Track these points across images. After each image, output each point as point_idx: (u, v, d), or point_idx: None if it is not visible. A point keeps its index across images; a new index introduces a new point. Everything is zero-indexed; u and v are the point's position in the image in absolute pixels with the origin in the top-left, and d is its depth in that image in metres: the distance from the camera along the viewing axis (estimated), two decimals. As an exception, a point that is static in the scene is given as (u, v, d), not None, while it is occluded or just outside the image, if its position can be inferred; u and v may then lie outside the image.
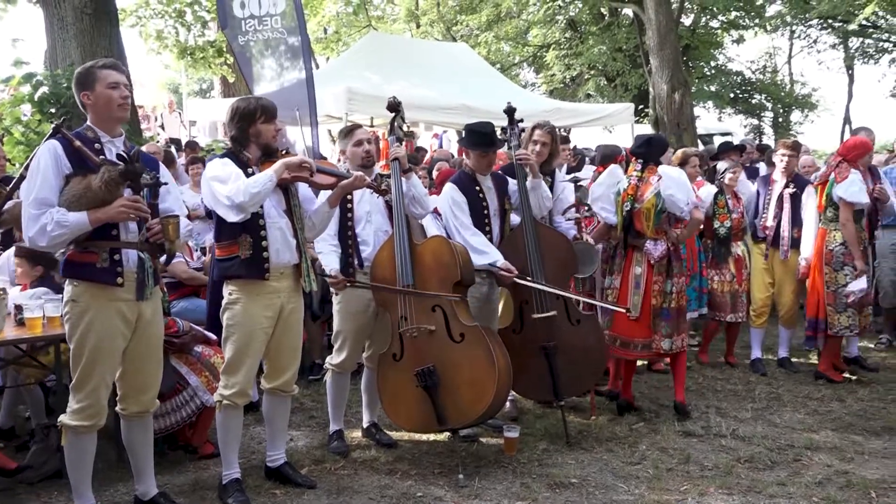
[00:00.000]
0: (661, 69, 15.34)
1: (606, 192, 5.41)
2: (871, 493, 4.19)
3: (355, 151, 4.75)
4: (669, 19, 15.64)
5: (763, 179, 6.86)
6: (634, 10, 19.16)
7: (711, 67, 28.14)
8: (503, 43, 26.69)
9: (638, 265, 5.29)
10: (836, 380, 6.27)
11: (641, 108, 21.30)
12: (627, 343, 5.32)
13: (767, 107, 31.34)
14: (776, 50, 36.28)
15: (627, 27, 23.35)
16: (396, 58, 13.42)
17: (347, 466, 4.60)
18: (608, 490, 4.25)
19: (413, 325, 4.49)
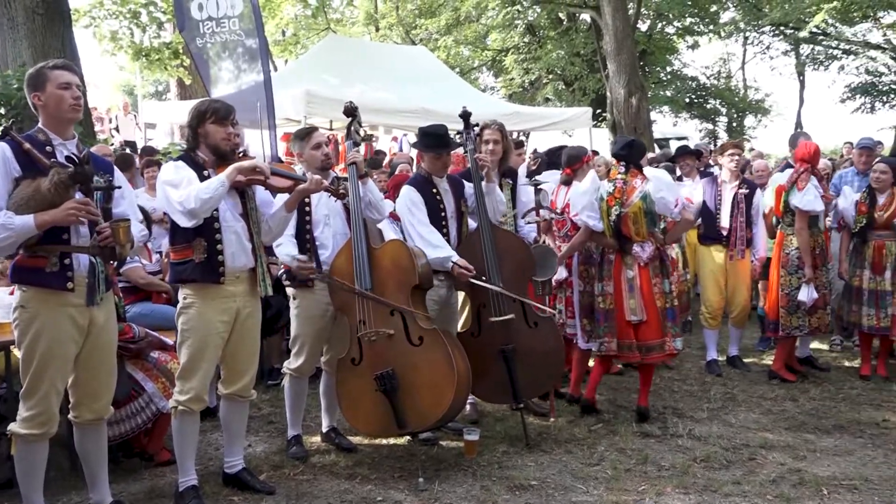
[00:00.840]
0: (619, 74, 15.53)
1: (591, 200, 5.40)
2: (822, 491, 4.28)
3: (313, 154, 4.72)
4: (626, 25, 15.84)
5: (710, 181, 6.91)
6: (592, 15, 19.37)
7: (667, 73, 28.59)
8: (462, 47, 26.80)
9: (629, 269, 5.30)
10: (788, 379, 6.39)
11: (599, 112, 21.53)
12: (644, 348, 5.28)
13: (722, 112, 31.92)
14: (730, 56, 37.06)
15: (585, 32, 23.61)
16: (355, 61, 13.39)
17: (306, 471, 4.56)
18: (567, 491, 4.28)
19: (372, 329, 4.47)
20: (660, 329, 5.27)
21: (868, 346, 6.65)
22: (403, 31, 26.58)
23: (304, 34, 27.08)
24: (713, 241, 6.75)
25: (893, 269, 6.35)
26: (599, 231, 5.37)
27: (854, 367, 6.86)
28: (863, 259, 6.51)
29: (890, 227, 6.37)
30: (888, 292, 6.34)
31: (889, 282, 6.35)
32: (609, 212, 5.27)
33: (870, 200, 6.45)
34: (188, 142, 4.08)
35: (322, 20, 26.60)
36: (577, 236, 5.57)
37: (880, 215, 6.38)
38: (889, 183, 6.41)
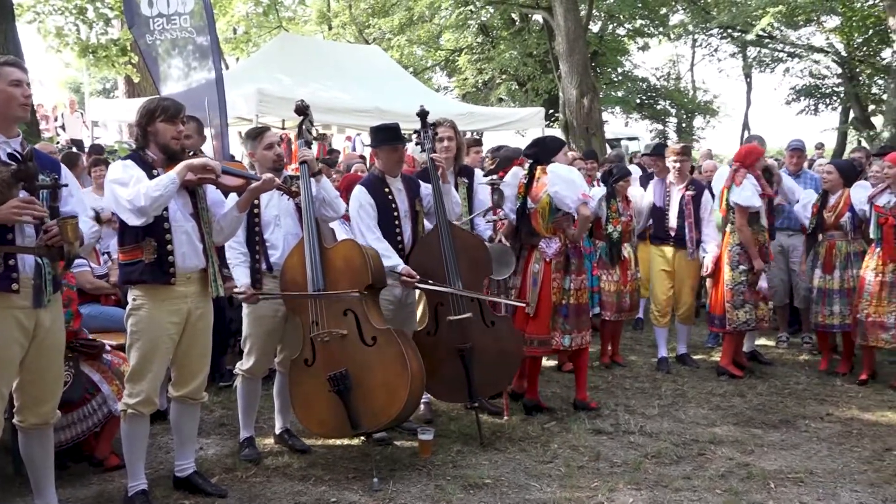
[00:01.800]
0: (571, 75, 15.66)
1: (511, 194, 5.50)
2: (769, 484, 4.38)
3: (265, 154, 4.67)
4: (578, 26, 15.99)
5: (659, 183, 6.99)
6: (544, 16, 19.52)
7: (618, 74, 28.95)
8: (416, 46, 26.79)
9: (536, 263, 5.39)
10: (736, 375, 6.52)
11: (552, 112, 21.70)
12: (527, 341, 5.36)
13: (672, 112, 32.42)
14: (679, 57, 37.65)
15: (538, 33, 23.78)
16: (308, 60, 13.31)
17: (259, 474, 4.52)
18: (521, 489, 4.31)
19: (325, 329, 4.45)
20: (547, 325, 5.37)
21: (825, 343, 6.83)
22: (357, 31, 26.47)
23: (255, 32, 26.80)
24: (662, 241, 6.87)
25: (843, 268, 6.52)
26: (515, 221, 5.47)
27: (799, 363, 7.03)
28: (816, 258, 6.68)
29: (839, 227, 6.54)
30: (836, 291, 6.51)
31: (838, 281, 6.51)
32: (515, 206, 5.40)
33: (822, 202, 6.63)
34: (137, 141, 4.02)
35: (274, 18, 26.34)
36: (502, 229, 5.67)
37: (829, 216, 6.56)
38: (838, 184, 6.58)
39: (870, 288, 6.20)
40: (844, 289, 6.48)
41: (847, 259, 6.52)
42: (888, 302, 6.12)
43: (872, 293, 6.18)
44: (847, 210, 6.49)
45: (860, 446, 4.98)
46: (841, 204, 6.54)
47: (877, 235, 6.20)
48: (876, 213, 6.19)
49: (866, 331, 6.24)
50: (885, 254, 6.13)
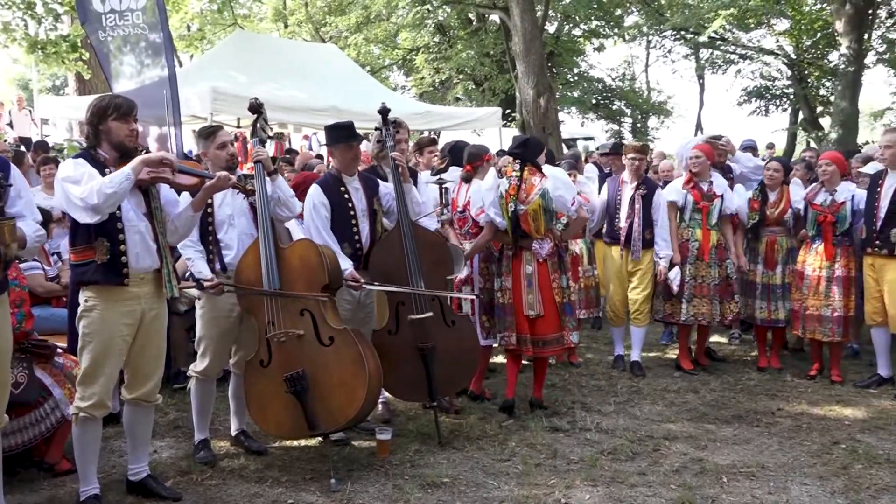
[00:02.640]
0: (527, 75, 15.73)
1: (495, 197, 5.45)
2: (722, 478, 4.45)
3: (218, 154, 4.61)
4: (534, 26, 16.07)
5: (613, 181, 6.98)
6: (501, 16, 19.59)
7: (574, 74, 29.19)
8: (373, 45, 26.69)
9: (528, 264, 5.40)
10: (688, 369, 6.67)
11: (509, 112, 21.81)
12: (540, 342, 5.41)
13: (627, 113, 32.80)
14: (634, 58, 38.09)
15: (495, 33, 23.86)
16: (264, 58, 13.19)
17: (215, 476, 4.47)
18: (479, 488, 4.32)
19: (281, 329, 4.41)
20: (558, 323, 5.42)
21: (763, 339, 6.95)
22: (313, 29, 26.29)
23: (210, 29, 26.47)
24: (613, 241, 6.81)
25: (784, 263, 6.66)
26: (503, 229, 5.46)
27: (752, 359, 7.16)
28: (756, 254, 6.80)
29: (781, 223, 6.68)
30: (778, 286, 6.65)
31: (780, 276, 6.65)
32: (506, 208, 5.37)
33: (761, 198, 6.74)
34: (88, 139, 3.94)
35: (229, 15, 26.04)
36: (482, 234, 5.65)
37: (772, 212, 6.68)
38: (780, 181, 6.72)
39: (808, 282, 6.35)
40: (786, 284, 6.63)
41: (788, 254, 6.67)
42: (825, 296, 6.28)
43: (811, 287, 6.33)
44: (789, 206, 6.64)
45: (809, 440, 5.09)
46: (783, 200, 6.67)
47: (815, 232, 6.35)
48: (814, 211, 6.34)
49: (806, 324, 6.39)
50: (824, 250, 6.28)
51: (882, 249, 5.97)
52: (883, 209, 5.98)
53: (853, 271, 6.30)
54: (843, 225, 6.25)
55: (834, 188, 6.33)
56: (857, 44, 20.30)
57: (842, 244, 6.30)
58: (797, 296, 6.46)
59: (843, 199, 6.26)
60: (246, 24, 27.07)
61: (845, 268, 6.27)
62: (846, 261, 6.28)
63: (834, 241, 6.27)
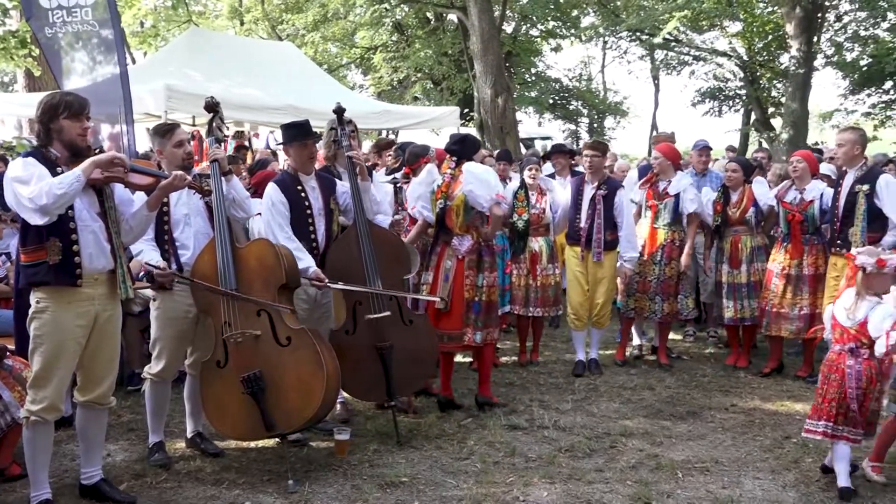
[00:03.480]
0: (485, 74, 15.80)
1: (425, 192, 5.52)
2: (677, 474, 4.53)
3: (175, 152, 4.54)
4: (492, 26, 16.14)
5: (579, 181, 6.84)
6: (459, 16, 19.63)
7: (532, 74, 29.34)
8: (330, 44, 26.54)
9: (449, 259, 5.43)
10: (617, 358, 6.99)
11: (467, 111, 21.83)
12: (442, 337, 5.40)
13: (583, 113, 33.09)
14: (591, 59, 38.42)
15: (453, 32, 23.90)
16: (219, 55, 13.03)
17: (170, 479, 4.41)
18: (438, 486, 4.33)
19: (237, 330, 4.37)
20: (461, 321, 5.44)
21: (735, 337, 7.07)
22: (269, 27, 26.04)
23: (164, 26, 26.06)
24: (574, 242, 6.68)
25: (749, 262, 6.77)
26: (432, 223, 5.50)
27: (707, 356, 7.27)
28: (722, 254, 6.91)
29: (744, 223, 6.79)
30: (744, 284, 6.75)
31: (745, 275, 6.76)
32: (435, 204, 5.41)
33: (724, 199, 6.85)
34: (39, 137, 3.84)
35: (183, 12, 25.65)
36: (414, 229, 5.70)
37: (734, 212, 6.78)
38: (741, 181, 6.83)
39: (776, 280, 6.46)
40: (752, 282, 6.73)
41: (752, 253, 6.77)
42: (793, 295, 6.39)
43: (778, 286, 6.44)
44: (751, 206, 6.74)
45: (762, 435, 5.19)
46: (745, 200, 6.78)
47: (785, 231, 6.46)
48: (784, 209, 6.44)
49: (771, 321, 6.50)
50: (793, 248, 6.39)
51: (842, 249, 6.03)
52: (841, 208, 6.07)
53: (821, 269, 6.36)
54: (811, 223, 6.34)
55: (804, 186, 6.43)
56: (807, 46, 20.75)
57: (811, 243, 6.39)
58: (765, 293, 6.57)
59: (811, 198, 6.34)
60: (201, 21, 26.73)
61: (813, 266, 6.37)
62: (814, 259, 6.37)
63: (803, 239, 6.37)
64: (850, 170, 6.11)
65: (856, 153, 6.05)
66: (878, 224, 5.92)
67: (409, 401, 5.58)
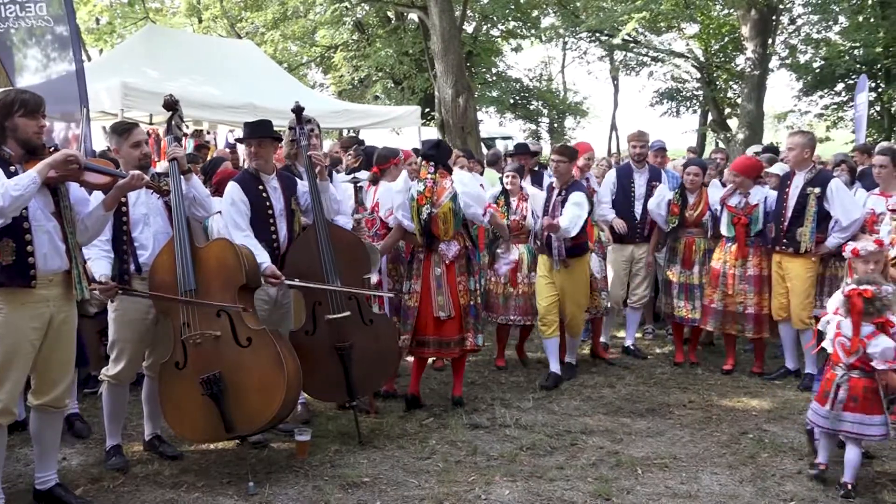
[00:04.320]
0: (446, 74, 15.81)
1: (404, 200, 5.52)
2: (637, 470, 4.58)
3: (132, 152, 4.47)
4: (453, 26, 16.15)
5: (549, 187, 6.66)
6: (419, 15, 19.61)
7: (493, 74, 29.46)
8: (290, 42, 26.37)
9: (437, 266, 5.45)
10: (603, 357, 6.98)
11: (428, 111, 21.86)
12: (440, 342, 5.48)
13: (544, 112, 33.29)
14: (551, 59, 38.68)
15: (413, 32, 23.87)
16: (177, 53, 12.88)
17: (128, 483, 4.35)
18: (399, 486, 4.33)
19: (197, 331, 4.32)
20: (461, 326, 5.50)
21: (680, 336, 7.16)
22: (228, 24, 25.78)
23: (120, 23, 25.68)
24: (540, 249, 6.47)
25: (702, 263, 6.86)
26: (412, 231, 5.51)
27: (664, 354, 7.36)
28: (675, 254, 6.99)
29: (699, 225, 6.88)
30: (696, 285, 6.84)
31: (697, 276, 6.85)
32: (420, 210, 5.41)
33: (681, 201, 6.93)
34: (-8, 135, 3.77)
35: (140, 9, 25.32)
36: (390, 235, 5.71)
37: (690, 214, 6.87)
38: (700, 183, 6.92)
39: (724, 280, 6.56)
40: (703, 284, 6.81)
41: (705, 255, 6.86)
42: (738, 294, 6.49)
43: (728, 285, 6.54)
44: (708, 209, 6.83)
45: (719, 431, 5.27)
46: (702, 203, 6.87)
47: (730, 233, 6.56)
48: (729, 212, 6.55)
49: (722, 319, 6.60)
50: (737, 250, 6.49)
51: (788, 248, 6.18)
52: (790, 209, 6.18)
53: (765, 270, 6.47)
54: (755, 226, 6.43)
55: (747, 191, 6.53)
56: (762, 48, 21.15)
57: (755, 244, 6.50)
58: (708, 291, 6.66)
59: (756, 202, 6.43)
60: (158, 18, 26.36)
61: (757, 267, 6.46)
62: (758, 260, 6.46)
63: (747, 241, 6.45)
64: (799, 172, 6.24)
65: (805, 156, 6.18)
66: (825, 226, 6.09)
67: (371, 401, 5.57)
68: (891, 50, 20.48)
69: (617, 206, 7.29)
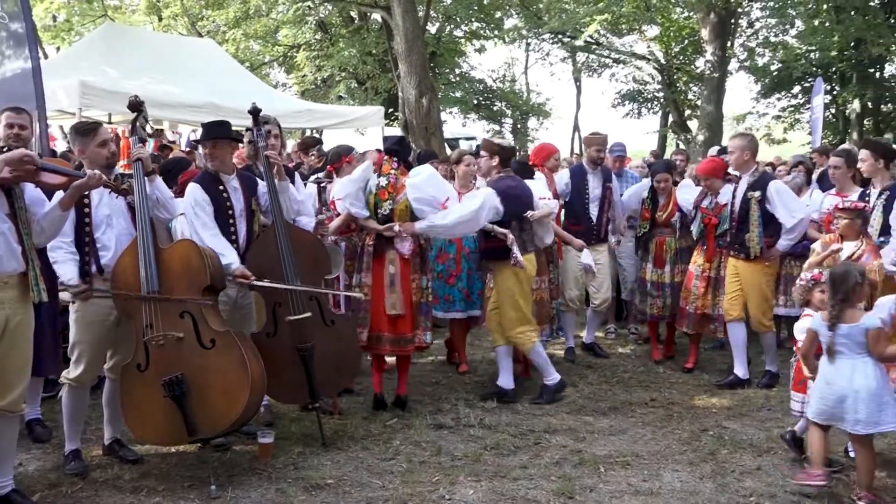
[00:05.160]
0: (410, 74, 15.78)
1: (358, 189, 5.50)
2: (600, 468, 4.62)
3: (98, 152, 4.41)
4: (416, 26, 16.13)
5: None
6: (383, 15, 19.56)
7: (456, 75, 29.47)
8: (252, 41, 26.14)
9: (392, 265, 5.44)
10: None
11: (391, 111, 21.81)
12: (396, 340, 5.48)
13: (507, 113, 33.38)
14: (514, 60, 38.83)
15: (377, 32, 23.80)
16: (137, 51, 12.68)
17: (87, 488, 4.28)
18: (363, 488, 4.32)
19: (159, 332, 4.27)
20: (412, 323, 5.52)
21: (655, 333, 7.24)
22: (189, 23, 25.48)
23: (78, 21, 25.22)
24: None
25: (673, 263, 6.94)
26: (364, 217, 5.50)
27: (627, 353, 7.44)
28: (647, 254, 7.07)
29: (669, 225, 6.96)
30: (667, 284, 6.92)
31: (668, 275, 6.93)
32: (380, 205, 5.43)
33: (652, 205, 7.01)
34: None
35: (98, 6, 24.90)
36: (337, 220, 5.68)
37: (660, 215, 6.96)
38: (670, 187, 7.00)
39: (696, 282, 6.63)
40: (675, 282, 6.90)
41: (676, 255, 6.95)
42: (713, 296, 6.57)
43: (700, 287, 6.60)
44: (677, 210, 6.92)
45: (680, 428, 5.34)
46: (671, 204, 6.96)
47: (698, 234, 6.63)
48: (701, 213, 6.62)
49: (693, 321, 6.67)
50: (708, 251, 6.56)
51: (740, 253, 6.21)
52: (737, 213, 6.22)
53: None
54: (721, 226, 6.46)
55: (717, 192, 6.59)
56: (721, 51, 21.44)
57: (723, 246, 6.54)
58: (684, 294, 6.72)
59: (724, 202, 6.48)
60: (117, 15, 25.93)
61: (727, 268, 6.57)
62: (724, 261, 6.54)
63: (718, 242, 6.47)
64: (743, 175, 6.29)
65: (745, 159, 6.20)
66: (773, 228, 6.12)
67: (334, 401, 5.55)
68: (845, 54, 20.92)
69: (572, 208, 7.18)
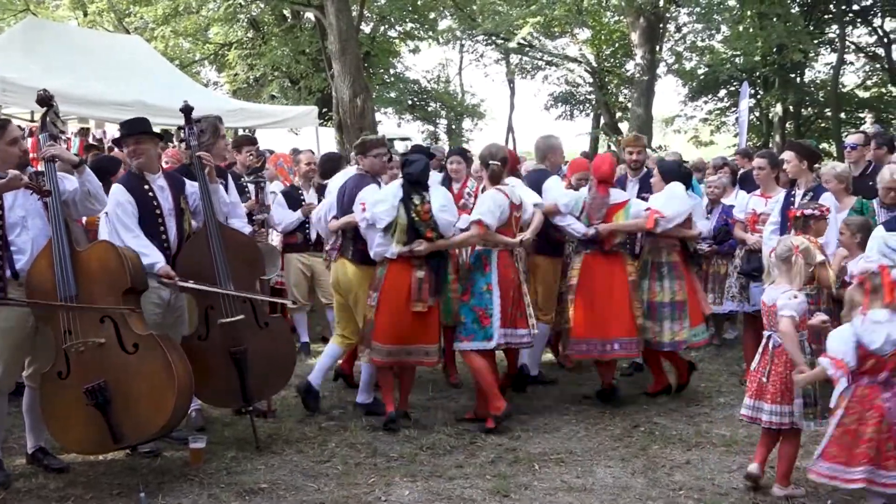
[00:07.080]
0: (343, 74, 15.69)
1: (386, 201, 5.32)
2: (534, 466, 4.67)
3: (9, 151, 4.25)
4: (350, 26, 16.05)
5: None
6: (316, 14, 19.39)
7: (391, 75, 29.42)
8: (182, 39, 25.62)
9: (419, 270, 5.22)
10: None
11: (325, 111, 21.65)
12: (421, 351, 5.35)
13: (442, 114, 33.48)
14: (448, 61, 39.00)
15: (310, 31, 23.58)
16: (60, 47, 12.28)
17: (9, 498, 4.14)
18: (298, 491, 4.27)
19: (79, 339, 4.14)
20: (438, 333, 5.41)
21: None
22: (116, 19, 24.81)
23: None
24: None
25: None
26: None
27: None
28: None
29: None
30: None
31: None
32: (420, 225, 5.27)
33: None
34: None
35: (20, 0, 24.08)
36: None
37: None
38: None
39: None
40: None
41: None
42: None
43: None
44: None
45: (612, 425, 5.43)
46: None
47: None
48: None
49: None
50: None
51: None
52: None
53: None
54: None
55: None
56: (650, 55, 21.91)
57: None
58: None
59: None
60: (39, 10, 25.11)
61: None
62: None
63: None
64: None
65: None
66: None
67: (269, 404, 5.47)
68: (768, 59, 21.60)
69: None
